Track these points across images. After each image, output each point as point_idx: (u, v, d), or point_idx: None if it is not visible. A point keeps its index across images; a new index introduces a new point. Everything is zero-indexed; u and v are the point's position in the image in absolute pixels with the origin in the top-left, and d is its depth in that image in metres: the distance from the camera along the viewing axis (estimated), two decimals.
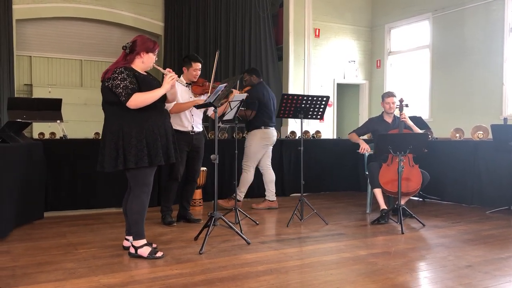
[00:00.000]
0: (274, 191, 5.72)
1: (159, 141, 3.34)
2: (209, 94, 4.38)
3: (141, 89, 3.27)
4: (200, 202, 5.65)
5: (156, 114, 3.38)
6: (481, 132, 5.99)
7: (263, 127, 5.51)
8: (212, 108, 3.97)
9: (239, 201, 5.47)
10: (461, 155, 5.97)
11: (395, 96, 5.32)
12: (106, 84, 3.28)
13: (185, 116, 4.56)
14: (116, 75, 3.24)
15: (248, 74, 5.64)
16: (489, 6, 7.81)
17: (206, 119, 5.14)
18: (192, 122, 4.61)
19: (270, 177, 5.69)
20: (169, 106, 4.25)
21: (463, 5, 8.19)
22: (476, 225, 4.71)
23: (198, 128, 4.70)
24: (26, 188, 4.36)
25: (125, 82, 3.22)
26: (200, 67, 4.57)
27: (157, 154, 3.32)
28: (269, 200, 5.69)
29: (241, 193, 5.52)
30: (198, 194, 5.61)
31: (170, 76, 3.40)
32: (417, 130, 5.14)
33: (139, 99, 3.24)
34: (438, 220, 4.97)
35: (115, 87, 3.22)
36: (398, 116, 5.17)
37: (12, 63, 9.51)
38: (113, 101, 3.28)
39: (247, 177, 5.54)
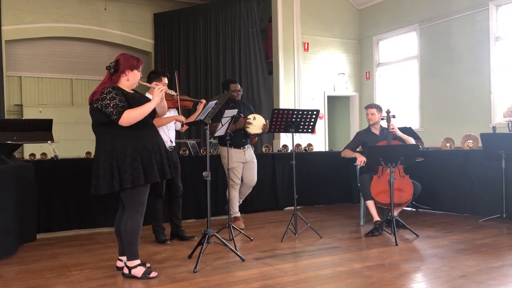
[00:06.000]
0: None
1: (154, 158, 3.32)
2: (179, 106, 4.47)
3: (131, 107, 3.27)
4: None
5: (149, 131, 3.39)
6: (471, 141, 6.03)
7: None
8: (181, 122, 4.49)
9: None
10: (452, 165, 6.01)
11: (376, 108, 5.30)
12: (95, 105, 3.27)
13: (163, 131, 4.51)
14: (105, 95, 3.24)
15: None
16: (474, 17, 7.94)
17: (198, 135, 5.13)
18: (170, 137, 4.62)
19: None
20: None
21: (449, 16, 8.31)
22: (469, 234, 4.73)
23: (173, 143, 4.71)
24: (18, 211, 4.32)
25: (114, 101, 3.22)
26: (167, 81, 4.56)
27: (152, 171, 3.30)
28: None
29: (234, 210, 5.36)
30: None
31: (158, 88, 3.42)
32: (410, 140, 5.14)
33: (131, 115, 3.24)
34: (432, 230, 4.99)
35: (105, 107, 3.22)
36: (386, 127, 5.19)
37: (2, 84, 9.49)
38: (104, 121, 3.28)
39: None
